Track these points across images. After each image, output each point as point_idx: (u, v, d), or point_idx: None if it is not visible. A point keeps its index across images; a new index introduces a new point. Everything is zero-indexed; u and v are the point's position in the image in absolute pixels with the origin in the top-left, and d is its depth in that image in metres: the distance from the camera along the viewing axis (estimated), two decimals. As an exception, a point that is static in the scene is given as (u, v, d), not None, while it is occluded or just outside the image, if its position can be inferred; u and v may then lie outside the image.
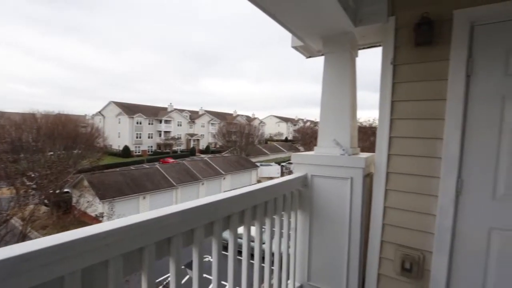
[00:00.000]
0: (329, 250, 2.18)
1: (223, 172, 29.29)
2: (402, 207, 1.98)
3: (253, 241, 1.70)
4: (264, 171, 34.45)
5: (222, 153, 42.02)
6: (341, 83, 2.21)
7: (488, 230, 1.75)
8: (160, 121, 48.84)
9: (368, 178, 2.15)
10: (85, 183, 20.23)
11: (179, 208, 1.14)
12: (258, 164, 36.20)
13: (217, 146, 51.97)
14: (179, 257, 1.14)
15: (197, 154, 47.83)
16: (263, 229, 1.74)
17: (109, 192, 19.97)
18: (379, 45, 2.28)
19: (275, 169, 35.29)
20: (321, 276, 2.22)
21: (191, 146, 51.34)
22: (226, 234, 1.51)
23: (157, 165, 28.34)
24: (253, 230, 1.71)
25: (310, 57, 3.06)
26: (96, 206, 19.00)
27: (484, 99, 1.75)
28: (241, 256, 1.57)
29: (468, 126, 1.79)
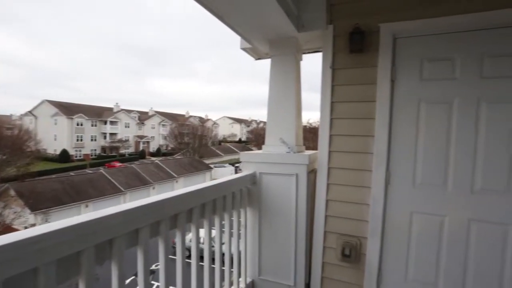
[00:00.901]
0: (278, 243, 2.28)
1: (175, 175, 28.31)
2: (342, 199, 2.17)
3: (204, 243, 1.71)
4: (218, 172, 34.20)
5: (175, 156, 40.55)
6: (286, 84, 2.35)
7: (410, 214, 2.03)
8: (105, 122, 45.10)
9: (312, 173, 2.32)
10: (12, 192, 17.77)
11: (122, 208, 1.11)
12: (212, 165, 35.81)
13: (169, 148, 49.99)
14: (121, 260, 1.10)
15: (147, 157, 45.40)
16: (213, 229, 1.76)
17: (42, 202, 17.84)
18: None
19: (229, 170, 35.28)
20: (271, 269, 2.32)
21: (141, 148, 48.54)
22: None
23: (101, 170, 26.15)
24: (203, 233, 1.72)
25: (259, 59, 3.16)
26: (27, 218, 16.82)
27: (405, 101, 2.02)
28: (191, 258, 1.57)
29: (393, 125, 2.05)
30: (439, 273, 1.98)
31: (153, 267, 3.08)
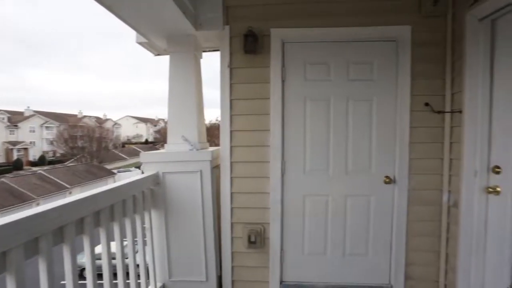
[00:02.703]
0: (187, 242, 2.28)
1: (68, 186, 24.12)
2: (245, 190, 2.33)
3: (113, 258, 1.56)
4: (124, 177, 30.92)
5: (66, 163, 34.44)
6: (186, 82, 2.34)
7: (303, 197, 2.35)
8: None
9: (216, 169, 2.40)
10: None
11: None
12: (115, 171, 32.09)
13: (58, 154, 42.07)
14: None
15: (25, 167, 37.00)
16: (117, 238, 1.62)
17: None
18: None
19: (135, 174, 32.31)
20: (182, 269, 2.30)
21: (15, 157, 39.16)
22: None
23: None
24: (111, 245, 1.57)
25: (158, 55, 3.04)
26: None
27: (294, 98, 2.31)
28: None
29: (286, 120, 2.32)
30: (327, 243, 2.37)
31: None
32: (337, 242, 2.36)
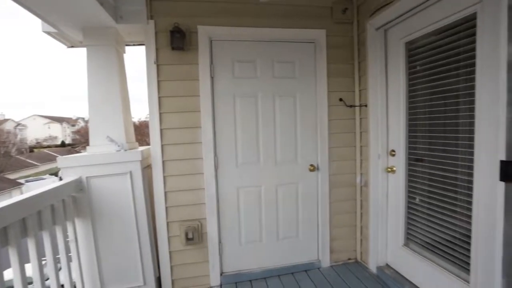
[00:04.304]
0: (121, 248, 2.15)
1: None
2: (180, 188, 2.31)
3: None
4: (34, 187, 26.47)
5: (-51, 176, 27.68)
6: (109, 78, 2.18)
7: (237, 190, 2.45)
8: None
9: (148, 169, 2.31)
10: None
11: None
12: (22, 180, 27.22)
13: None
14: None
15: None
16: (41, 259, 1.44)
17: None
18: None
19: (50, 183, 28.00)
20: (117, 277, 2.17)
21: None
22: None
23: None
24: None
25: (72, 47, 2.73)
26: None
27: (223, 95, 2.37)
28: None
29: (216, 117, 2.37)
30: (262, 230, 2.53)
31: None
32: (271, 228, 2.54)
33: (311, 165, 2.55)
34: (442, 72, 1.83)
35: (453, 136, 1.79)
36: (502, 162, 1.37)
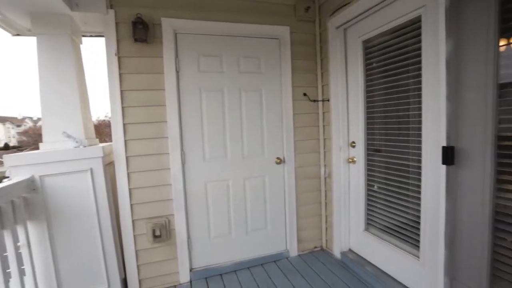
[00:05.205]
0: (81, 250, 2.03)
1: None
2: (145, 184, 2.24)
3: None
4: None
5: None
6: (64, 70, 2.03)
7: (205, 184, 2.44)
8: None
9: (111, 166, 2.21)
10: None
11: None
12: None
13: None
14: None
15: None
16: None
17: None
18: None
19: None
20: (78, 283, 2.04)
21: None
22: None
23: None
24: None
25: (18, 35, 2.49)
26: None
27: (189, 89, 2.34)
28: None
29: (183, 111, 2.33)
30: (230, 224, 2.55)
31: None
32: (240, 221, 2.57)
33: (278, 158, 2.62)
34: (394, 69, 2.00)
35: (405, 127, 1.97)
36: (443, 147, 1.54)
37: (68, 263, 2.00)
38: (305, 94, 2.68)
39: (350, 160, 2.49)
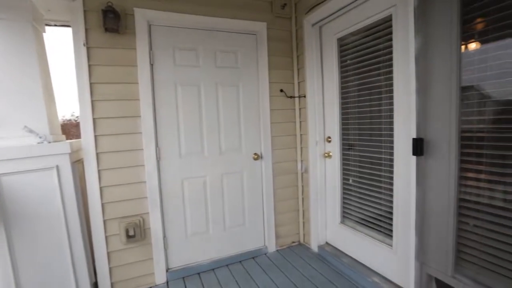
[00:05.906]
0: (46, 257, 1.88)
1: None
2: (118, 182, 2.13)
3: None
4: None
5: None
6: (25, 59, 1.87)
7: (181, 181, 2.38)
8: None
9: (80, 163, 2.08)
10: None
11: None
12: None
13: None
14: None
15: None
16: None
17: None
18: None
19: None
20: (41, 289, 1.90)
21: None
22: None
23: None
24: None
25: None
26: None
27: (164, 83, 2.26)
28: None
29: (157, 105, 2.25)
30: (208, 220, 2.50)
31: None
32: (217, 218, 2.53)
33: (255, 154, 2.62)
34: (368, 66, 2.07)
35: (377, 121, 2.05)
36: (413, 139, 1.63)
37: (31, 270, 1.85)
38: (282, 90, 2.70)
39: (326, 154, 2.55)
